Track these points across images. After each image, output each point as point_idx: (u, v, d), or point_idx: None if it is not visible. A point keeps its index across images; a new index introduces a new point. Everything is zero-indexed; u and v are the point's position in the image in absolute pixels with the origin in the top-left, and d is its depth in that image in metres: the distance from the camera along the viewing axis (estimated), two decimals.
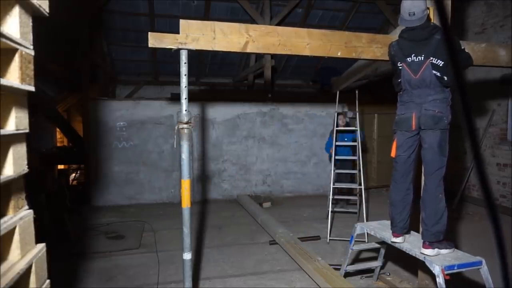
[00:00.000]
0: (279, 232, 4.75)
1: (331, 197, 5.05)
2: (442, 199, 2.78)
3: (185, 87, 2.78)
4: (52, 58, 6.69)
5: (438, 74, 2.72)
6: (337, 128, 5.33)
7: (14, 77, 1.18)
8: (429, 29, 2.78)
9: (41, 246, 1.34)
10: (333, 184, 5.11)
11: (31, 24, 1.28)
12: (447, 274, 2.55)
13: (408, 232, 3.14)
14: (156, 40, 2.68)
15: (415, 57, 2.81)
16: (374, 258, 3.83)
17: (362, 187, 5.09)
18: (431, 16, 2.95)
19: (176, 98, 6.98)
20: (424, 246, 2.78)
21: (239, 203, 7.10)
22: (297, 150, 8.01)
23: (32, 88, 1.25)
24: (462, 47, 3.04)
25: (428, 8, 2.78)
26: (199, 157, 7.43)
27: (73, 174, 9.15)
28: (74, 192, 7.11)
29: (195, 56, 8.44)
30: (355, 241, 3.52)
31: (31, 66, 1.26)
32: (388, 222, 3.19)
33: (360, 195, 5.32)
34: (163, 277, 3.75)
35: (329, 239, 4.85)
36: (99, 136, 6.99)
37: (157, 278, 3.72)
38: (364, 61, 4.44)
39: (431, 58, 2.73)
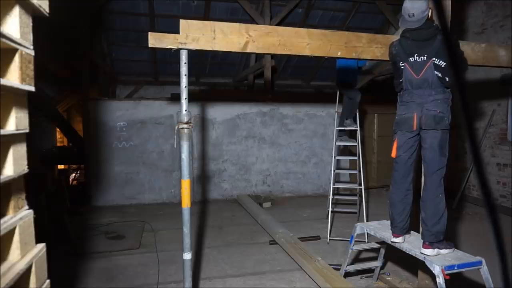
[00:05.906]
0: (279, 232, 4.75)
1: (331, 197, 5.05)
2: (442, 199, 2.78)
3: (185, 87, 2.78)
4: (52, 58, 6.70)
5: (440, 74, 2.72)
6: (337, 128, 5.33)
7: (14, 77, 1.18)
8: (432, 30, 2.78)
9: (41, 246, 1.34)
10: (333, 184, 5.11)
11: (31, 24, 1.28)
12: (447, 274, 2.55)
13: (408, 232, 3.14)
14: (156, 40, 2.68)
15: (417, 57, 2.81)
16: (374, 258, 3.83)
17: (362, 187, 5.09)
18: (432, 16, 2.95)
19: (176, 98, 6.98)
20: (424, 246, 2.78)
21: (239, 203, 7.10)
22: (297, 150, 8.01)
23: (32, 88, 1.25)
24: (461, 51, 3.04)
25: (430, 9, 2.79)
26: (199, 157, 7.43)
27: (73, 174, 9.16)
28: (74, 192, 7.11)
29: (195, 56, 8.44)
30: (355, 241, 3.52)
31: (31, 66, 1.26)
32: (388, 222, 3.19)
33: (360, 195, 5.32)
34: (163, 277, 3.75)
35: (329, 239, 4.84)
36: (99, 136, 6.99)
37: (157, 278, 3.72)
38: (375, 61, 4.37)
39: (434, 58, 2.74)
